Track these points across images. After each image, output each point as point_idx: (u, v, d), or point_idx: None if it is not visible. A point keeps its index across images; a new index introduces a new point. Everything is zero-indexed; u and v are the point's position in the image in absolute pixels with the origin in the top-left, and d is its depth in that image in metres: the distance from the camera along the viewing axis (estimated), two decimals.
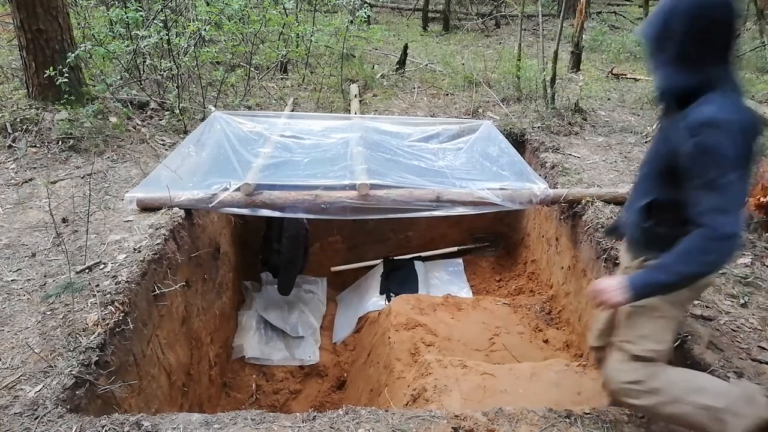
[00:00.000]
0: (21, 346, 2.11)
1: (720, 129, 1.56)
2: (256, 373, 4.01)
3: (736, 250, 1.58)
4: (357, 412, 1.90)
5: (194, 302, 3.25)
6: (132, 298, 2.40)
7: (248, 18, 5.74)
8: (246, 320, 4.30)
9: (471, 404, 2.49)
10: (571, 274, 3.69)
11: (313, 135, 4.22)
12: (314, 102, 5.71)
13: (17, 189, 3.44)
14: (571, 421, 1.89)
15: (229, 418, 1.85)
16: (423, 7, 10.92)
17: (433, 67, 7.28)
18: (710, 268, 1.62)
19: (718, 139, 1.56)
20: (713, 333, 2.34)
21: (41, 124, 4.02)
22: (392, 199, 3.27)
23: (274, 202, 3.21)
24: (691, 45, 1.64)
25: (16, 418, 1.80)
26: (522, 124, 5.06)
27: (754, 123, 1.63)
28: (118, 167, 3.83)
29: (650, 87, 6.65)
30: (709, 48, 1.64)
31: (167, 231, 2.91)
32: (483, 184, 3.44)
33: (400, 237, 5.13)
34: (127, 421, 1.82)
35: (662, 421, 1.87)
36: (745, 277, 2.74)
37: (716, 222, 1.55)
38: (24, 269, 2.60)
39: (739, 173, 1.56)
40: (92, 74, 5.01)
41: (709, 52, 1.64)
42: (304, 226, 4.21)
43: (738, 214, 1.57)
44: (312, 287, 4.80)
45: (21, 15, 3.94)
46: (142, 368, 2.43)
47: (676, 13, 1.65)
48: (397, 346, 3.34)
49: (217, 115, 4.32)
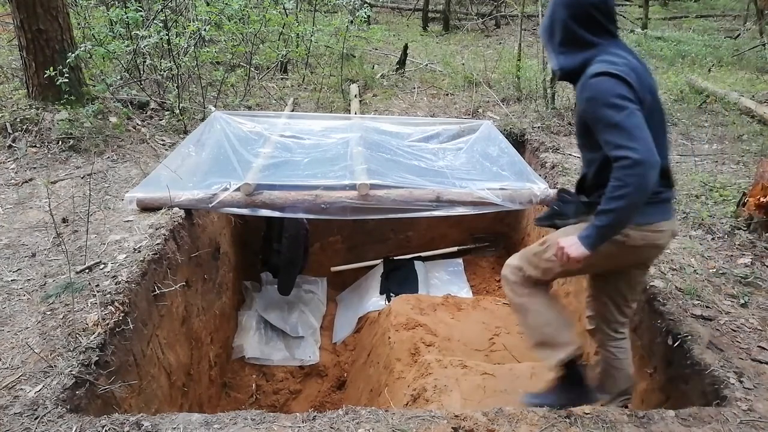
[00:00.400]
0: (21, 346, 2.11)
1: (601, 77, 1.80)
2: (256, 373, 4.01)
3: (650, 172, 1.71)
4: (357, 412, 1.90)
5: (194, 302, 3.25)
6: (132, 298, 2.40)
7: (248, 18, 5.74)
8: (246, 320, 4.30)
9: (471, 404, 2.49)
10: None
11: (313, 135, 4.22)
12: (314, 102, 5.71)
13: (17, 189, 3.44)
14: (571, 421, 1.89)
15: (229, 418, 1.85)
16: (423, 7, 10.92)
17: (433, 67, 7.28)
18: (635, 195, 1.73)
19: (602, 87, 1.80)
20: (713, 333, 2.34)
21: (41, 124, 4.02)
22: (392, 199, 3.27)
23: (274, 202, 3.21)
24: (574, 30, 1.92)
25: (16, 418, 1.80)
26: (522, 124, 5.06)
27: (637, 67, 1.87)
28: (118, 167, 3.83)
29: None
30: (590, 30, 1.91)
31: (167, 231, 2.91)
32: (483, 184, 3.44)
33: (400, 237, 5.13)
34: (127, 421, 1.82)
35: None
36: (745, 277, 2.74)
37: (624, 153, 1.72)
38: (24, 269, 2.60)
39: (630, 109, 1.75)
40: (92, 74, 5.01)
41: (591, 34, 1.91)
42: (304, 226, 4.21)
43: (641, 140, 1.72)
44: (312, 287, 4.80)
45: (21, 15, 3.94)
46: (142, 368, 2.43)
47: (557, 4, 1.94)
48: (397, 346, 3.34)
49: (217, 115, 4.32)
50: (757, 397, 2.01)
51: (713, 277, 2.76)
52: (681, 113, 5.61)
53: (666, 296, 2.55)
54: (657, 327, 2.47)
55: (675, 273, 2.76)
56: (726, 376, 2.09)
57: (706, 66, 7.76)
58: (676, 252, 2.96)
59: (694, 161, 4.29)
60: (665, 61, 8.31)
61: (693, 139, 4.85)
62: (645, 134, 1.73)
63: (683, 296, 2.57)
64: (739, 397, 2.00)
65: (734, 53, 8.69)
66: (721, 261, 2.90)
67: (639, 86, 1.83)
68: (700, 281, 2.71)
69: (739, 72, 7.63)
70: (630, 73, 1.82)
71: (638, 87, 1.82)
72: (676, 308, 2.48)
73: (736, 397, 2.00)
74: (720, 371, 2.11)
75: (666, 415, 1.93)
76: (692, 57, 8.34)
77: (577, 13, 1.90)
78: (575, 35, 1.92)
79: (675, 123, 5.34)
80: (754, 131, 5.01)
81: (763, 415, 1.92)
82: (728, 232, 3.16)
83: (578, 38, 1.92)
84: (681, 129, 5.18)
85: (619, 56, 1.87)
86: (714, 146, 4.71)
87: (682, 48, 8.94)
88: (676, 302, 2.52)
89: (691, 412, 1.94)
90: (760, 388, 2.05)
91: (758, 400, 1.99)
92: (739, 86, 6.60)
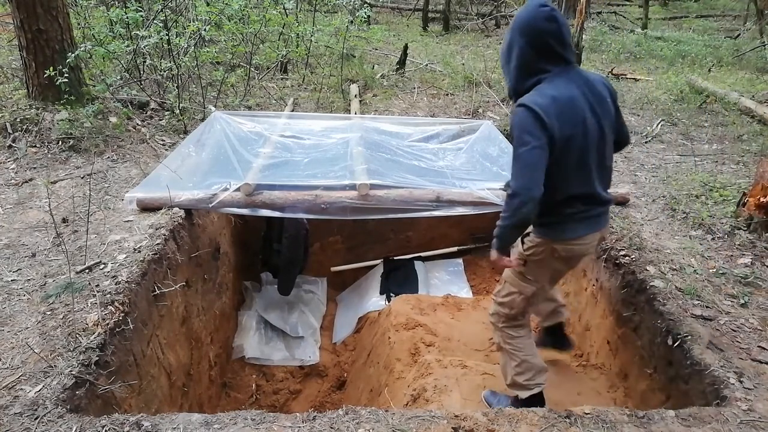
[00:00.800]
0: (21, 346, 2.11)
1: (521, 110, 1.98)
2: (256, 373, 4.01)
3: (525, 206, 1.97)
4: (357, 412, 1.90)
5: (194, 302, 3.25)
6: (132, 298, 2.40)
7: (248, 18, 5.74)
8: (246, 320, 4.30)
9: (471, 404, 2.49)
10: (571, 274, 3.69)
11: (313, 135, 4.22)
12: (314, 102, 5.71)
13: (17, 189, 3.44)
14: (571, 421, 1.89)
15: (229, 418, 1.85)
16: (423, 7, 10.93)
17: (433, 67, 7.28)
18: (510, 220, 2.04)
19: (517, 119, 2.00)
20: (713, 333, 2.34)
21: (41, 124, 4.02)
22: (392, 199, 3.27)
23: (274, 202, 3.21)
24: (528, 57, 2.04)
25: (16, 418, 1.80)
26: None
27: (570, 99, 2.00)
28: (118, 167, 3.83)
29: (650, 87, 6.66)
30: (544, 57, 2.02)
31: (167, 231, 2.91)
32: (483, 184, 3.44)
33: (400, 237, 5.13)
34: (127, 421, 1.82)
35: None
36: (745, 277, 2.74)
37: (511, 183, 2.00)
38: (24, 269, 2.60)
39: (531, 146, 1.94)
40: (92, 74, 5.01)
41: (545, 60, 2.03)
42: (304, 226, 4.21)
43: (525, 177, 1.96)
44: (312, 287, 4.80)
45: (21, 15, 3.94)
46: (142, 368, 2.43)
47: (515, 30, 2.05)
48: (397, 346, 3.34)
49: (217, 115, 4.32)
50: (757, 397, 2.01)
51: (713, 277, 2.76)
52: (681, 113, 5.61)
53: (666, 296, 2.56)
54: (657, 327, 2.47)
55: (675, 273, 2.76)
56: (726, 376, 2.09)
57: (706, 66, 7.77)
58: (676, 252, 2.96)
59: (694, 161, 4.29)
60: (665, 61, 8.32)
61: (693, 139, 4.85)
62: (531, 172, 1.96)
63: (683, 296, 2.57)
64: (739, 397, 2.00)
65: (734, 53, 8.69)
66: (721, 261, 2.90)
67: (560, 121, 1.96)
68: (700, 281, 2.71)
69: (739, 72, 7.63)
70: (549, 109, 1.95)
71: (556, 123, 1.96)
72: (676, 308, 2.48)
73: (736, 397, 2.00)
74: (720, 371, 2.11)
75: (666, 415, 1.93)
76: (692, 57, 8.34)
77: (533, 41, 2.01)
78: (529, 62, 2.04)
79: (675, 123, 5.34)
80: (754, 131, 5.01)
81: (763, 415, 1.92)
82: (728, 232, 3.16)
83: (531, 65, 2.05)
84: (681, 129, 5.18)
85: (556, 88, 2.00)
86: (714, 146, 4.71)
87: (682, 48, 8.95)
88: (676, 302, 2.52)
89: (691, 412, 1.94)
90: (760, 388, 2.05)
91: (758, 400, 1.99)
92: (739, 86, 6.60)
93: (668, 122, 5.35)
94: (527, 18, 2.01)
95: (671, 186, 3.80)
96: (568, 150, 2.01)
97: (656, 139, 4.89)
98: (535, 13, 2.00)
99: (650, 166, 4.23)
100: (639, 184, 3.86)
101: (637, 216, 3.37)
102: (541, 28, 1.99)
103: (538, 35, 2.00)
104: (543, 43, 2.00)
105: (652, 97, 6.17)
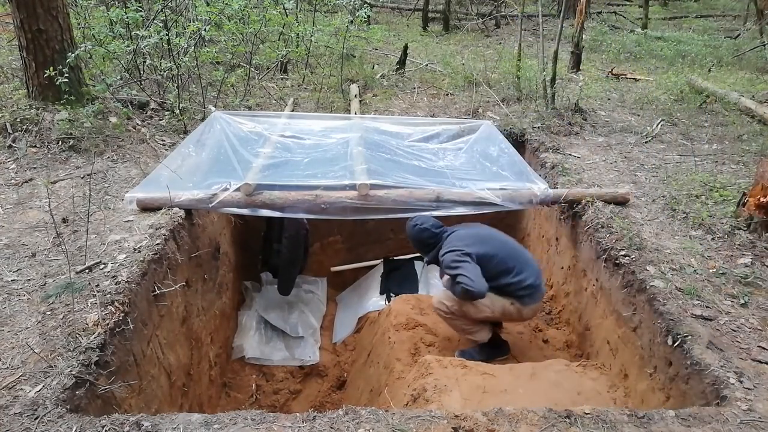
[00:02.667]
0: (21, 346, 2.11)
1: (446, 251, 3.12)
2: (256, 373, 4.01)
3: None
4: (357, 412, 1.90)
5: (194, 302, 3.25)
6: (132, 298, 2.40)
7: (248, 18, 5.74)
8: (246, 320, 4.30)
9: (471, 404, 2.49)
10: (571, 274, 3.69)
11: (313, 135, 4.22)
12: (314, 102, 5.71)
13: (17, 189, 3.44)
14: (571, 421, 1.89)
15: (229, 418, 1.85)
16: (423, 7, 10.92)
17: (433, 67, 7.28)
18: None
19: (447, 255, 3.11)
20: (713, 333, 2.34)
21: (41, 124, 4.02)
22: (392, 199, 3.27)
23: (274, 202, 3.21)
24: (423, 246, 3.35)
25: (16, 418, 1.80)
26: (522, 124, 5.06)
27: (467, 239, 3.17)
28: (118, 167, 3.83)
29: (650, 87, 6.65)
30: (430, 241, 3.30)
31: (167, 231, 2.91)
32: (483, 184, 3.44)
33: (400, 237, 5.11)
34: (127, 421, 1.82)
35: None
36: (745, 277, 2.74)
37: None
38: (24, 269, 2.60)
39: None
40: (92, 74, 5.01)
41: (433, 245, 3.30)
42: (304, 226, 4.21)
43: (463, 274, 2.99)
44: (312, 287, 4.80)
45: (21, 15, 3.94)
46: (142, 368, 2.43)
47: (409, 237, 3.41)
48: (397, 346, 3.34)
49: (217, 115, 4.32)
50: (757, 397, 2.01)
51: (713, 277, 2.76)
52: (681, 113, 5.61)
53: (666, 296, 2.56)
54: (657, 327, 2.48)
55: (675, 273, 2.76)
56: (726, 376, 2.09)
57: (706, 66, 7.76)
58: (676, 252, 2.96)
59: (694, 161, 4.29)
60: (665, 61, 8.31)
61: (693, 139, 4.85)
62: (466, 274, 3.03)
63: (683, 296, 2.57)
64: (739, 397, 2.00)
65: (734, 53, 8.69)
66: (721, 261, 2.90)
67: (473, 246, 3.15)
68: (700, 281, 2.71)
69: (739, 72, 7.63)
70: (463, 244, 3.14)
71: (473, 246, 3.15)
72: (676, 308, 2.48)
73: (736, 397, 2.00)
74: (720, 371, 2.11)
75: (666, 415, 1.93)
76: (692, 57, 8.34)
77: (417, 242, 3.37)
78: (426, 246, 3.33)
79: (675, 123, 5.34)
80: (754, 131, 5.01)
81: (763, 415, 1.92)
82: (728, 232, 3.16)
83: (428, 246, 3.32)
84: (681, 129, 5.18)
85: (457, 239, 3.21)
86: (714, 146, 4.71)
87: (682, 48, 8.95)
88: (676, 302, 2.52)
89: (691, 412, 1.94)
90: (760, 388, 2.05)
91: (758, 400, 1.99)
92: (739, 86, 6.60)
93: (668, 122, 5.35)
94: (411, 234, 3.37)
95: (671, 186, 3.79)
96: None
97: (656, 139, 4.88)
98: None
99: (650, 166, 4.23)
100: (639, 184, 3.86)
101: (637, 216, 3.37)
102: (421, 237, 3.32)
103: (416, 240, 3.37)
104: (421, 240, 3.35)
105: (652, 97, 6.17)
